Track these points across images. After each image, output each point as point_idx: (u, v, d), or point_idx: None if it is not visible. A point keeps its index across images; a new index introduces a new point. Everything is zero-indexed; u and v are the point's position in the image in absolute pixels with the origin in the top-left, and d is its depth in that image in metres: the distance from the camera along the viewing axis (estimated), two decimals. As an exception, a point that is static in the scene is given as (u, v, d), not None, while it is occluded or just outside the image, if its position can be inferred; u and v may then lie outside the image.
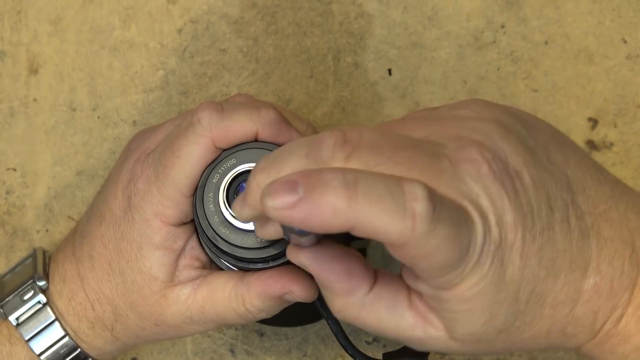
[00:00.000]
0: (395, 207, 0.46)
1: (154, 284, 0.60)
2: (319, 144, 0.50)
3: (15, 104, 0.76)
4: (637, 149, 0.74)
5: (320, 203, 0.46)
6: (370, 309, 0.53)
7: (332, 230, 0.47)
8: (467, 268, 0.49)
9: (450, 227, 0.48)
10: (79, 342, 0.62)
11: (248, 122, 0.58)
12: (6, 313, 0.63)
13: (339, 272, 0.52)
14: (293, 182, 0.46)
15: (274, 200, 0.46)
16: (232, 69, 0.76)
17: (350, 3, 0.76)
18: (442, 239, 0.47)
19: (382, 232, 0.47)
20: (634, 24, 0.76)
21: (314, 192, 0.46)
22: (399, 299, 0.53)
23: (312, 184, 0.46)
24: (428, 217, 0.47)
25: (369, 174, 0.47)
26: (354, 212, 0.46)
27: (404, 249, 0.47)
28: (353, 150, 0.49)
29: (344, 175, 0.47)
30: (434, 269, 0.49)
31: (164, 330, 0.62)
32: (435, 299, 0.51)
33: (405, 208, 0.46)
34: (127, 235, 0.60)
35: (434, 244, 0.47)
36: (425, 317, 0.52)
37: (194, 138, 0.58)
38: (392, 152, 0.49)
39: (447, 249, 0.48)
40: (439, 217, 0.47)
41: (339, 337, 0.61)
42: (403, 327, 0.53)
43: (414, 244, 0.47)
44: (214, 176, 0.58)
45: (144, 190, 0.59)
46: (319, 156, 0.49)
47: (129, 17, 0.77)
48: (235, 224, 0.57)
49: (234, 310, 0.60)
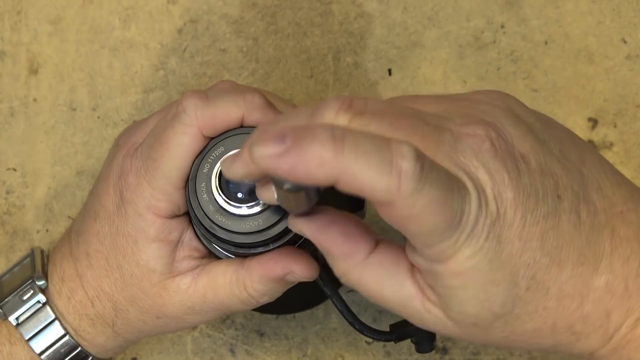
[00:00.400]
0: (382, 163, 0.46)
1: (153, 277, 0.60)
2: (324, 107, 0.50)
3: (15, 104, 0.76)
4: (637, 149, 0.74)
5: (306, 152, 0.46)
6: (372, 273, 0.52)
7: (318, 182, 0.46)
8: (460, 238, 0.49)
9: (440, 190, 0.47)
10: (80, 341, 0.62)
11: (234, 108, 0.58)
12: (6, 313, 0.62)
13: (336, 235, 0.52)
14: (281, 133, 0.46)
15: (261, 148, 0.46)
16: (232, 69, 0.76)
17: (350, 3, 0.76)
18: (430, 201, 0.47)
19: (367, 187, 0.46)
20: (634, 24, 0.76)
21: (302, 142, 0.46)
22: (400, 266, 0.53)
23: (300, 135, 0.46)
24: (414, 175, 0.46)
25: (357, 132, 0.47)
26: (339, 164, 0.46)
27: (391, 209, 0.47)
28: (356, 114, 0.49)
29: (332, 129, 0.47)
30: (423, 234, 0.48)
31: (166, 323, 0.62)
32: (430, 274, 0.51)
33: (391, 164, 0.46)
34: (122, 230, 0.60)
35: (422, 204, 0.47)
36: (424, 290, 0.52)
37: (180, 128, 0.58)
38: (394, 118, 0.49)
39: (436, 212, 0.47)
40: (427, 177, 0.47)
41: (345, 314, 0.61)
42: (403, 297, 0.52)
43: (400, 203, 0.47)
44: (204, 166, 0.58)
45: (135, 184, 0.59)
46: (323, 120, 0.49)
47: (129, 17, 0.77)
48: (231, 211, 0.57)
49: (236, 296, 0.60)
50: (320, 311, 0.73)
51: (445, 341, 0.72)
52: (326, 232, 0.53)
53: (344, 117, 0.49)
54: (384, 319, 0.73)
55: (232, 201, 0.57)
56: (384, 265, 0.53)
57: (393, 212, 0.47)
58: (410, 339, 0.62)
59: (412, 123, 0.50)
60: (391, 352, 0.72)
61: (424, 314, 0.53)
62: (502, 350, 0.72)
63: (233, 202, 0.57)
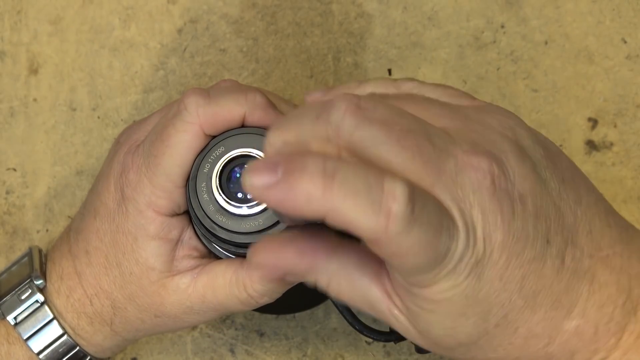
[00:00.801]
0: (371, 204, 0.46)
1: (152, 275, 0.60)
2: (331, 106, 0.49)
3: (15, 104, 0.76)
4: (637, 149, 0.74)
5: (295, 188, 0.46)
6: (338, 276, 0.52)
7: (306, 216, 0.46)
8: (440, 273, 0.49)
9: (428, 232, 0.47)
10: (78, 340, 0.62)
11: (235, 106, 0.58)
12: (4, 312, 0.63)
13: (290, 256, 0.51)
14: (274, 163, 0.46)
15: (253, 178, 0.46)
16: (232, 69, 0.76)
17: (350, 3, 0.76)
18: (416, 242, 0.47)
19: (354, 225, 0.46)
20: (634, 24, 0.76)
21: (292, 176, 0.46)
22: (366, 271, 0.52)
23: (292, 169, 0.46)
24: (404, 218, 0.46)
25: (351, 165, 0.47)
26: (327, 202, 0.46)
27: (377, 245, 0.47)
28: (363, 120, 0.48)
29: (325, 164, 0.46)
30: (405, 269, 0.48)
31: (164, 322, 0.61)
32: (404, 289, 0.51)
33: (380, 205, 0.46)
34: (122, 228, 0.60)
35: (408, 245, 0.47)
36: (391, 296, 0.52)
37: (182, 126, 0.58)
38: (402, 135, 0.49)
39: (421, 253, 0.47)
40: (416, 219, 0.46)
41: (345, 314, 0.61)
42: (371, 300, 0.52)
43: (386, 242, 0.46)
44: (205, 166, 0.58)
45: (136, 181, 0.59)
46: (329, 119, 0.49)
47: (129, 17, 0.77)
48: (231, 211, 0.57)
49: (235, 296, 0.60)
50: (320, 311, 0.73)
51: (445, 341, 0.72)
52: (281, 257, 0.52)
53: (350, 121, 0.48)
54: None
55: (232, 201, 0.57)
56: (347, 270, 0.52)
57: (378, 249, 0.47)
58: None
59: (419, 144, 0.49)
60: (391, 352, 0.72)
61: (390, 317, 0.52)
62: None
63: (233, 202, 0.57)
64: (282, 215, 0.51)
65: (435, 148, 0.49)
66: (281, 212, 0.47)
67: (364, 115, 0.49)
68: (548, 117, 0.75)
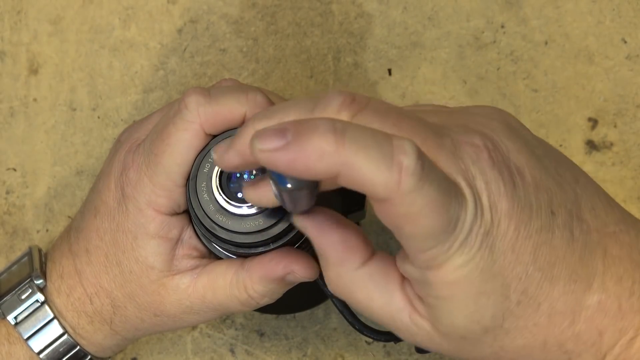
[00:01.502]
0: (383, 157, 0.46)
1: (152, 273, 0.60)
2: (326, 101, 0.49)
3: (15, 104, 0.76)
4: (637, 149, 0.74)
5: (307, 145, 0.46)
6: (362, 283, 0.52)
7: (318, 175, 0.46)
8: (453, 246, 0.48)
9: (439, 192, 0.47)
10: (78, 339, 0.62)
11: (236, 106, 0.58)
12: (4, 312, 0.63)
13: (335, 240, 0.52)
14: (283, 128, 0.46)
15: (262, 142, 0.46)
16: (232, 69, 0.76)
17: (350, 3, 0.77)
18: (428, 201, 0.47)
19: (368, 181, 0.46)
20: (634, 24, 0.76)
21: (302, 136, 0.46)
22: (390, 278, 0.52)
23: (301, 130, 0.46)
24: (415, 172, 0.46)
25: (359, 126, 0.47)
26: (340, 157, 0.46)
27: (389, 206, 0.47)
28: (359, 111, 0.49)
29: (334, 123, 0.46)
30: (418, 236, 0.48)
31: (164, 321, 0.62)
32: (421, 283, 0.51)
33: (392, 159, 0.46)
34: (122, 226, 0.60)
35: (420, 204, 0.47)
36: (413, 303, 0.52)
37: (182, 124, 0.58)
38: (397, 119, 0.49)
39: (433, 213, 0.47)
40: (427, 177, 0.46)
41: (345, 314, 0.61)
42: (392, 310, 0.52)
43: (399, 200, 0.46)
44: (205, 166, 0.58)
45: (136, 180, 0.59)
46: (325, 113, 0.49)
47: (129, 17, 0.77)
48: (231, 211, 0.57)
49: (235, 297, 0.60)
50: (320, 311, 0.73)
51: (445, 341, 0.72)
52: (327, 234, 0.52)
53: (346, 113, 0.49)
54: (384, 319, 0.73)
55: (232, 201, 0.57)
56: (374, 277, 0.52)
57: (390, 210, 0.47)
58: (410, 339, 0.62)
59: (415, 125, 0.50)
60: (391, 352, 0.72)
61: (412, 327, 0.52)
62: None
63: (233, 202, 0.57)
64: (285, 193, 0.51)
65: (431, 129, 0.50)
66: (292, 174, 0.47)
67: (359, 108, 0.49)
68: (548, 117, 0.75)
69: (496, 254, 0.50)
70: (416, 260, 0.50)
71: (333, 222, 0.53)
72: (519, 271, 0.50)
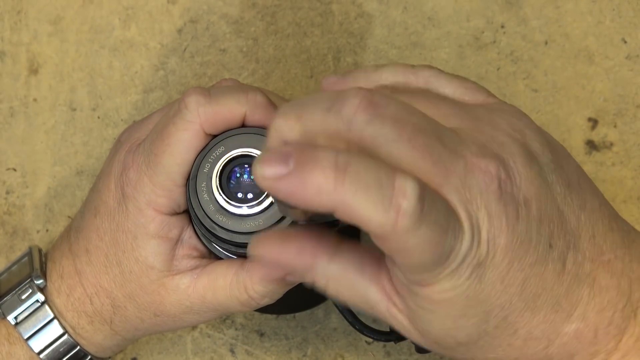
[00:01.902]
0: (381, 199, 0.46)
1: (152, 273, 0.60)
2: (344, 100, 0.49)
3: (15, 104, 0.76)
4: (637, 149, 0.74)
5: (306, 180, 0.46)
6: (336, 279, 0.52)
7: (315, 208, 0.46)
8: (443, 272, 0.49)
9: (435, 231, 0.47)
10: (78, 339, 0.62)
11: (236, 105, 0.58)
12: (4, 312, 0.63)
13: (291, 253, 0.52)
14: (286, 154, 0.46)
15: (264, 169, 0.46)
16: (232, 69, 0.76)
17: (350, 3, 0.76)
18: (423, 240, 0.47)
19: (363, 220, 0.46)
20: (634, 24, 0.76)
21: (304, 168, 0.46)
22: (365, 272, 0.52)
23: (304, 160, 0.46)
24: (413, 215, 0.46)
25: (363, 159, 0.47)
26: (338, 196, 0.46)
27: (384, 241, 0.47)
28: (376, 116, 0.48)
29: (337, 157, 0.46)
30: (409, 266, 0.48)
31: (163, 321, 0.62)
32: (405, 288, 0.51)
33: (391, 202, 0.46)
34: (122, 226, 0.60)
35: (415, 243, 0.47)
36: (390, 296, 0.52)
37: (182, 124, 0.58)
38: (413, 134, 0.48)
39: (427, 251, 0.47)
40: (425, 218, 0.46)
41: (345, 314, 0.61)
42: (370, 300, 0.52)
43: (393, 239, 0.47)
44: (205, 166, 0.58)
45: (136, 180, 0.59)
46: (341, 113, 0.48)
47: (129, 17, 0.77)
48: (231, 211, 0.57)
49: (236, 297, 0.60)
50: (320, 311, 0.73)
51: (445, 341, 0.72)
52: (282, 252, 0.52)
53: (362, 116, 0.48)
54: (384, 319, 0.73)
55: (232, 201, 0.57)
56: (346, 271, 0.52)
57: (384, 245, 0.47)
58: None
59: (429, 144, 0.49)
60: (391, 352, 0.72)
61: (390, 318, 0.52)
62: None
63: (233, 202, 0.57)
64: (287, 209, 0.51)
65: (445, 149, 0.49)
66: (290, 204, 0.47)
67: (376, 112, 0.48)
68: (548, 117, 0.75)
69: (484, 284, 0.50)
70: (405, 276, 0.50)
71: (282, 238, 0.52)
72: (504, 300, 0.51)
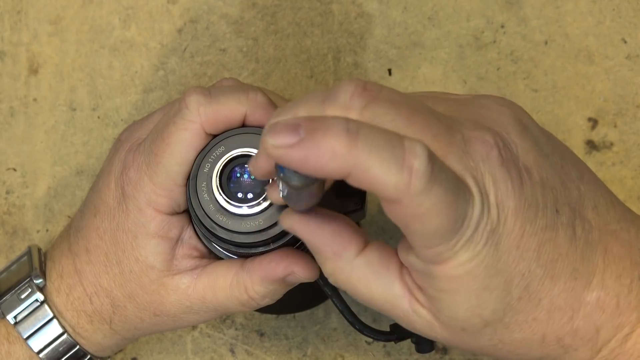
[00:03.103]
0: (394, 159, 0.46)
1: (152, 273, 0.60)
2: (337, 90, 0.50)
3: (15, 104, 0.76)
4: (637, 149, 0.74)
5: (320, 144, 0.46)
6: (360, 273, 0.53)
7: (329, 174, 0.47)
8: (459, 242, 0.49)
9: (447, 192, 0.47)
10: (78, 339, 0.62)
11: (236, 105, 0.58)
12: (4, 312, 0.63)
13: (326, 234, 0.52)
14: (295, 124, 0.47)
15: (275, 138, 0.47)
16: (232, 69, 0.76)
17: (350, 3, 0.77)
18: (437, 201, 0.47)
19: (379, 182, 0.47)
20: (634, 24, 0.76)
21: (315, 134, 0.46)
22: (389, 267, 0.53)
23: (315, 127, 0.46)
24: (425, 174, 0.47)
25: (371, 126, 0.47)
26: (352, 158, 0.46)
27: (398, 206, 0.47)
28: (371, 100, 0.49)
29: (347, 123, 0.47)
30: (426, 234, 0.49)
31: (163, 321, 0.62)
32: (424, 275, 0.51)
33: (403, 162, 0.46)
34: (122, 225, 0.60)
35: (429, 204, 0.47)
36: (413, 292, 0.52)
37: (182, 124, 0.58)
38: (409, 112, 0.49)
39: (442, 213, 0.48)
40: (436, 178, 0.47)
41: (345, 314, 0.61)
42: (391, 298, 0.52)
43: (408, 201, 0.47)
44: (205, 165, 0.58)
45: (136, 179, 0.59)
46: (337, 101, 0.49)
47: (129, 17, 0.77)
48: (231, 211, 0.57)
49: (236, 298, 0.60)
50: (320, 311, 0.73)
51: (445, 341, 0.72)
52: (316, 230, 0.53)
53: (358, 101, 0.49)
54: (384, 319, 0.73)
55: (232, 201, 0.57)
56: (372, 266, 0.53)
57: (399, 210, 0.48)
58: (410, 339, 0.62)
59: (427, 119, 0.50)
60: (391, 352, 0.72)
61: (412, 315, 0.53)
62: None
63: (233, 202, 0.57)
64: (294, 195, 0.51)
65: (442, 124, 0.50)
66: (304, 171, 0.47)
67: (371, 96, 0.49)
68: (548, 117, 0.75)
69: (501, 251, 0.50)
70: (421, 254, 0.50)
71: (320, 217, 0.53)
72: (522, 268, 0.51)
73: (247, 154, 0.58)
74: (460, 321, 0.52)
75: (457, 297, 0.51)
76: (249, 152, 0.58)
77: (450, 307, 0.51)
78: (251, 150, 0.58)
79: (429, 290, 0.51)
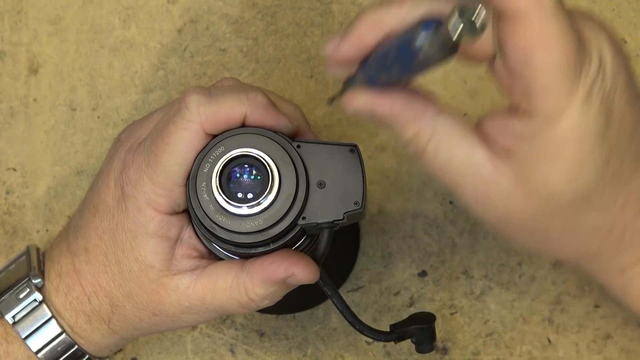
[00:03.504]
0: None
1: (151, 273, 0.60)
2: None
3: (15, 104, 0.76)
4: (638, 148, 0.74)
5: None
6: (442, 133, 0.52)
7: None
8: (576, 95, 0.49)
9: (571, 29, 0.48)
10: (76, 338, 0.62)
11: (236, 105, 0.58)
12: (2, 311, 0.63)
13: (402, 100, 0.52)
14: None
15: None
16: (232, 69, 0.76)
17: (350, 3, 0.77)
18: (561, 27, 0.48)
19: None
20: (634, 24, 0.76)
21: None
22: (469, 132, 0.52)
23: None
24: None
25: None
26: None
27: (524, 26, 0.48)
28: None
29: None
30: (549, 64, 0.48)
31: (162, 321, 0.61)
32: (526, 139, 0.50)
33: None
34: (121, 225, 0.60)
35: (554, 28, 0.48)
36: (498, 154, 0.52)
37: (182, 124, 0.58)
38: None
39: (565, 41, 0.48)
40: (563, 7, 0.48)
41: (345, 314, 0.61)
42: (473, 162, 0.52)
43: (537, 18, 0.47)
44: (205, 166, 0.58)
45: (136, 179, 0.59)
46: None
47: (129, 17, 0.77)
48: (231, 211, 0.57)
49: (236, 299, 0.60)
50: (320, 311, 0.73)
51: (445, 341, 0.72)
52: (393, 98, 0.52)
53: None
54: (384, 319, 0.73)
55: (232, 201, 0.57)
56: (454, 127, 0.52)
57: (525, 30, 0.48)
58: (410, 339, 0.62)
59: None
60: (391, 352, 0.72)
61: (491, 184, 0.52)
62: (502, 350, 0.72)
63: (233, 202, 0.57)
64: (437, 50, 0.49)
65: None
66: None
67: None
68: (548, 117, 0.75)
69: (610, 119, 0.50)
70: (535, 107, 0.50)
71: (390, 89, 0.52)
72: (621, 147, 0.51)
73: (247, 154, 0.58)
74: (551, 191, 0.51)
75: (558, 162, 0.51)
76: (248, 152, 0.58)
77: (548, 174, 0.51)
78: (251, 151, 0.58)
79: (525, 155, 0.51)
